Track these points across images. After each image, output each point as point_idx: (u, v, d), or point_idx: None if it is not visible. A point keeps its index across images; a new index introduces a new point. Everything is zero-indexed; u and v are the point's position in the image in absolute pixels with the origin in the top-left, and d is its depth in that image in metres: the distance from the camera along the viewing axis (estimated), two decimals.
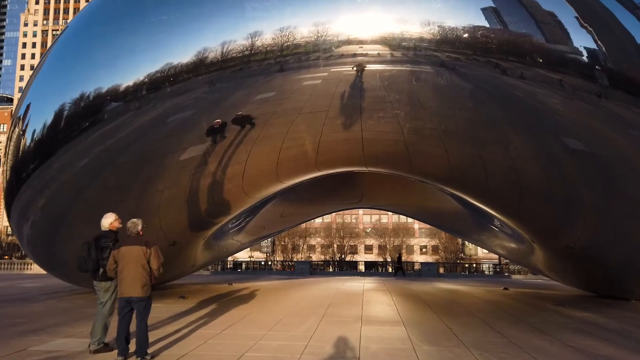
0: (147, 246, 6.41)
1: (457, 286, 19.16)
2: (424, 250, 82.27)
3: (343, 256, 71.15)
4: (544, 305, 12.81)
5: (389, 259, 71.66)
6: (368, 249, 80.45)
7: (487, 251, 76.21)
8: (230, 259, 71.82)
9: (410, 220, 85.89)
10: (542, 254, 14.93)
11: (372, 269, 60.31)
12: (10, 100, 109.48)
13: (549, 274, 17.34)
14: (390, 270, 56.70)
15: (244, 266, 54.78)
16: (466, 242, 73.87)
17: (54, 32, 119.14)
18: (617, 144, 10.18)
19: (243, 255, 74.68)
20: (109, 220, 7.01)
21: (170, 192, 11.58)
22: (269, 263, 61.88)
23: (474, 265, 59.50)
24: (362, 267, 57.59)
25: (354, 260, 68.73)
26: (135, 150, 11.17)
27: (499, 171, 11.28)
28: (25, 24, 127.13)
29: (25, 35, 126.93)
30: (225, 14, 10.02)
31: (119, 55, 10.89)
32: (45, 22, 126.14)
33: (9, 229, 48.86)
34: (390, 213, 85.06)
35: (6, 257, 63.74)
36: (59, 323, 9.19)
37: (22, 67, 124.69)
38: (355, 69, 10.09)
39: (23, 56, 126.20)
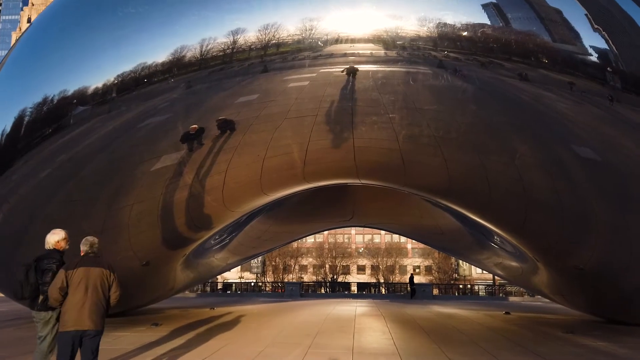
0: (109, 269, 5.29)
1: (455, 310, 17.99)
2: (417, 270, 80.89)
3: (335, 277, 69.45)
4: (552, 332, 11.71)
5: (381, 280, 70.07)
6: (361, 269, 78.87)
7: (481, 271, 75.52)
8: (220, 279, 70.15)
9: (403, 240, 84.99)
10: (546, 275, 13.90)
11: (364, 290, 58.76)
12: None
13: (553, 297, 16.24)
14: (383, 292, 55.19)
15: (234, 287, 52.89)
16: (460, 263, 72.66)
17: None
18: (632, 153, 9.30)
19: (233, 276, 72.69)
20: (55, 238, 5.92)
21: (142, 206, 10.43)
22: (259, 284, 60.01)
23: (469, 286, 58.29)
24: (354, 288, 56.07)
25: (346, 281, 67.06)
26: (103, 159, 10.09)
27: (503, 183, 10.31)
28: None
29: None
30: (204, 7, 9.12)
31: (87, 54, 9.93)
32: None
33: None
34: (383, 233, 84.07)
35: None
36: (5, 356, 7.95)
37: None
38: (345, 69, 9.22)
39: None
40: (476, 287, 54.79)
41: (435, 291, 42.79)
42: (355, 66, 9.13)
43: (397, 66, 9.10)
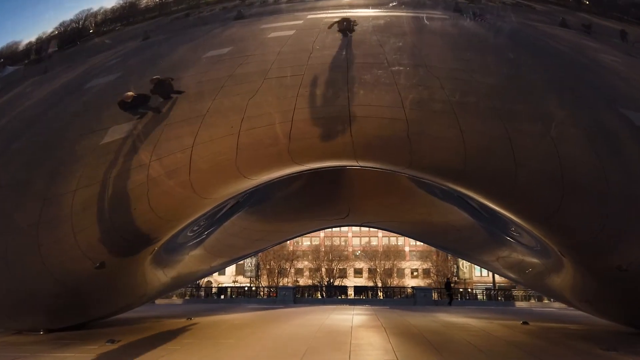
0: None
1: (464, 319, 15.97)
2: (414, 273, 79.02)
3: (332, 280, 67.35)
4: (587, 348, 9.66)
5: (379, 283, 68.06)
6: (357, 272, 76.83)
7: (480, 274, 73.57)
8: (215, 284, 67.63)
9: (400, 242, 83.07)
10: (574, 277, 11.89)
11: (362, 294, 56.73)
12: None
13: (578, 304, 14.21)
14: (381, 296, 53.11)
15: (230, 292, 50.71)
16: (460, 265, 70.90)
17: None
18: None
19: (227, 280, 70.28)
20: None
21: (88, 192, 8.40)
22: (253, 288, 57.82)
23: (470, 290, 56.37)
24: (351, 292, 54.08)
25: (343, 284, 65.00)
26: (37, 132, 8.14)
27: (533, 160, 8.34)
28: None
29: None
30: None
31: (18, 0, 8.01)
32: None
33: None
34: (380, 235, 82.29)
35: None
36: None
37: None
38: (339, 16, 7.33)
39: None
40: (475, 291, 53.08)
41: (434, 295, 40.70)
42: (351, 11, 7.22)
43: (403, 10, 7.22)
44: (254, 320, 14.94)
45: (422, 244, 78.70)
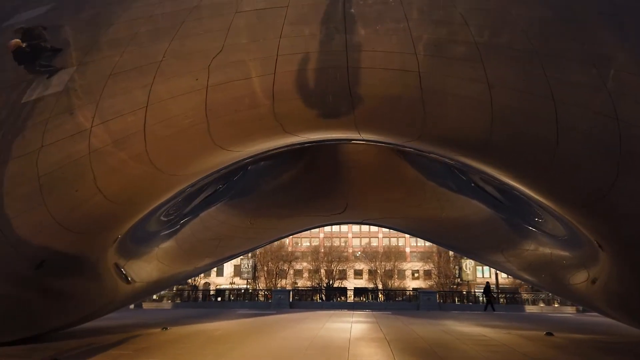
0: None
1: (477, 328, 14.06)
2: (415, 275, 77.27)
3: (331, 282, 65.48)
4: None
5: (379, 285, 66.24)
6: (358, 273, 74.94)
7: (482, 275, 71.47)
8: (212, 287, 65.54)
9: (401, 243, 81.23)
10: (609, 277, 10.01)
11: (362, 296, 54.92)
12: None
13: (610, 311, 12.24)
14: (382, 299, 51.29)
15: (228, 294, 48.94)
16: (463, 266, 69.00)
17: None
18: None
19: (225, 282, 68.34)
20: None
21: (12, 168, 6.59)
22: (250, 291, 55.98)
23: (473, 292, 54.56)
24: (351, 294, 52.32)
25: (342, 286, 63.17)
26: None
27: (584, 123, 6.52)
28: None
29: None
30: None
31: None
32: None
33: None
34: (380, 236, 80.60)
35: None
36: None
37: None
38: None
39: None
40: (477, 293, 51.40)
41: (438, 298, 38.80)
42: None
43: None
44: (240, 331, 13.03)
45: (423, 244, 77.29)
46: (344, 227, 79.91)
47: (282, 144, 8.42)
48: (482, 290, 29.97)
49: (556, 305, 37.65)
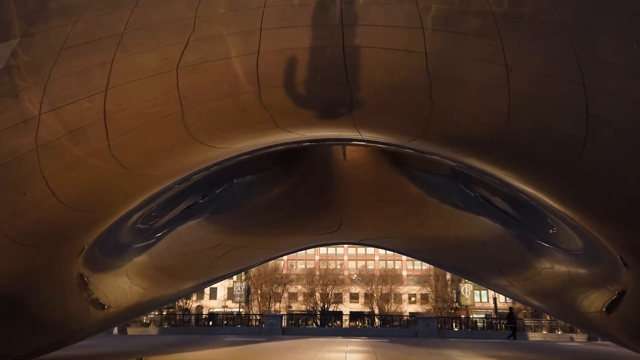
0: None
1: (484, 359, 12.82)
2: (412, 299, 75.52)
3: (327, 305, 63.55)
4: None
5: (376, 309, 64.39)
6: (354, 297, 73.06)
7: (480, 300, 69.72)
8: (205, 310, 63.34)
9: (398, 266, 79.64)
10: (633, 300, 8.92)
11: (357, 320, 53.06)
12: None
13: (629, 343, 11.01)
14: (378, 324, 49.44)
15: (220, 319, 47.32)
16: (461, 290, 67.30)
17: None
18: None
19: (218, 305, 66.23)
20: None
21: None
22: (242, 315, 54.09)
23: (472, 318, 53.04)
24: (346, 319, 50.56)
25: (338, 310, 61.28)
26: None
27: (619, 119, 5.55)
28: None
29: None
30: None
31: None
32: None
33: None
34: (377, 259, 79.18)
35: None
36: None
37: None
38: None
39: None
40: (476, 318, 49.92)
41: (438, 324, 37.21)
42: None
43: None
44: None
45: (420, 267, 75.89)
46: (340, 249, 78.65)
47: (274, 141, 7.39)
48: (506, 317, 27.92)
49: (559, 333, 36.21)
